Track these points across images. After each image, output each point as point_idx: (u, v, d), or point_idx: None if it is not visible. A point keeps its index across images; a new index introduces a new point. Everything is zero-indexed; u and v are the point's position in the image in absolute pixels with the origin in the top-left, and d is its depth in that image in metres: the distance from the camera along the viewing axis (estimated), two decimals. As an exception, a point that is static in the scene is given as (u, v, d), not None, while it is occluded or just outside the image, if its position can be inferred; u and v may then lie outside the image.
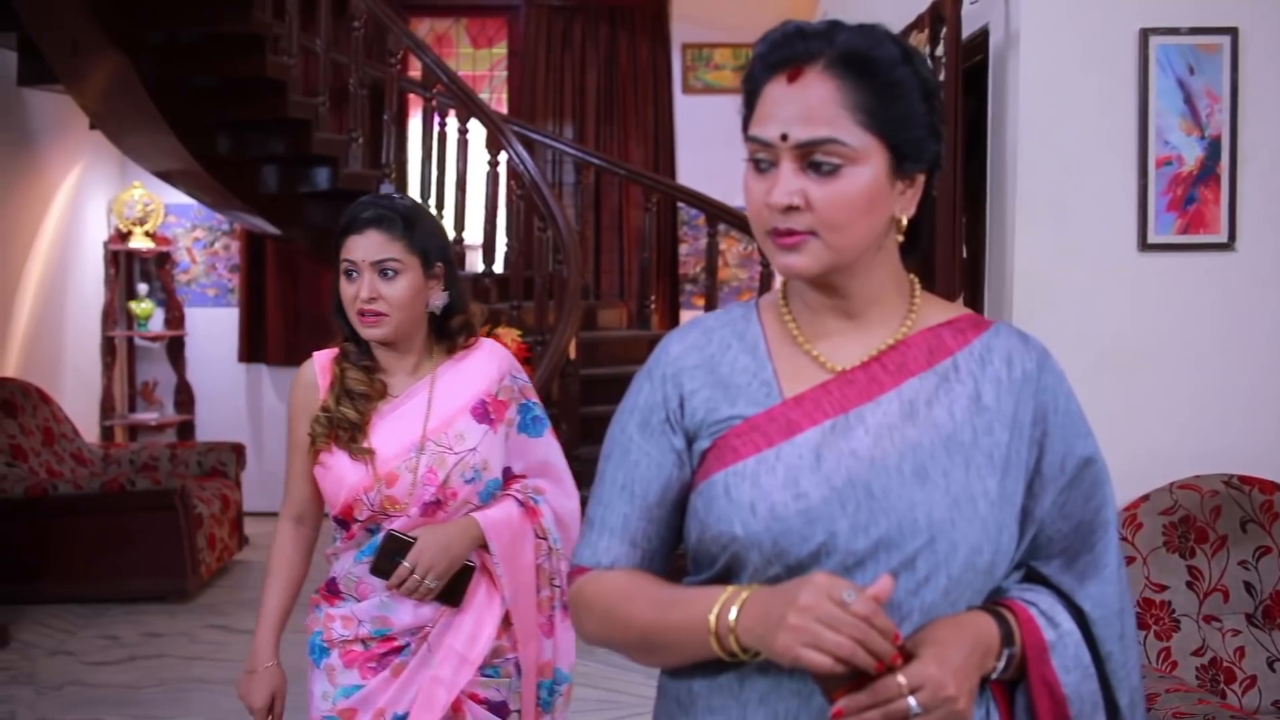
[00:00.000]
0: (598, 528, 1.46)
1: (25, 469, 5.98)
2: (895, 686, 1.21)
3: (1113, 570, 1.40)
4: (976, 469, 1.34)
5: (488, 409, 2.33)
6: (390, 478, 2.26)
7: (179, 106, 5.91)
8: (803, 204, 1.30)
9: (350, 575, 2.30)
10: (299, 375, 2.40)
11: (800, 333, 1.42)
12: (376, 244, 2.26)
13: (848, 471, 1.32)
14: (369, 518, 2.27)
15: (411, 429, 2.29)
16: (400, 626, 2.27)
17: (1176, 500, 3.15)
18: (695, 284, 8.12)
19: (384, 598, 2.27)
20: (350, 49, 6.24)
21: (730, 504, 1.34)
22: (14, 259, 6.58)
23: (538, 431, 2.42)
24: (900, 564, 1.30)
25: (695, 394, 1.41)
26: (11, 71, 6.29)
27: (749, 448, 1.36)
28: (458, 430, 2.29)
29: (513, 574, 2.32)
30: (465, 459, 2.28)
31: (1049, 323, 3.28)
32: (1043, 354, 1.43)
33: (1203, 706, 2.57)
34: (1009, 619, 1.35)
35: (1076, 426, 1.41)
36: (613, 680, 4.71)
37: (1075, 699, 1.36)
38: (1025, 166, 3.34)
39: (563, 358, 5.64)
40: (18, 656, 5.08)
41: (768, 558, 1.32)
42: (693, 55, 8.25)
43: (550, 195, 6.14)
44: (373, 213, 2.28)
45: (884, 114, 1.31)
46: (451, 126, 6.47)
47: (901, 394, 1.37)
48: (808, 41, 1.32)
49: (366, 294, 2.25)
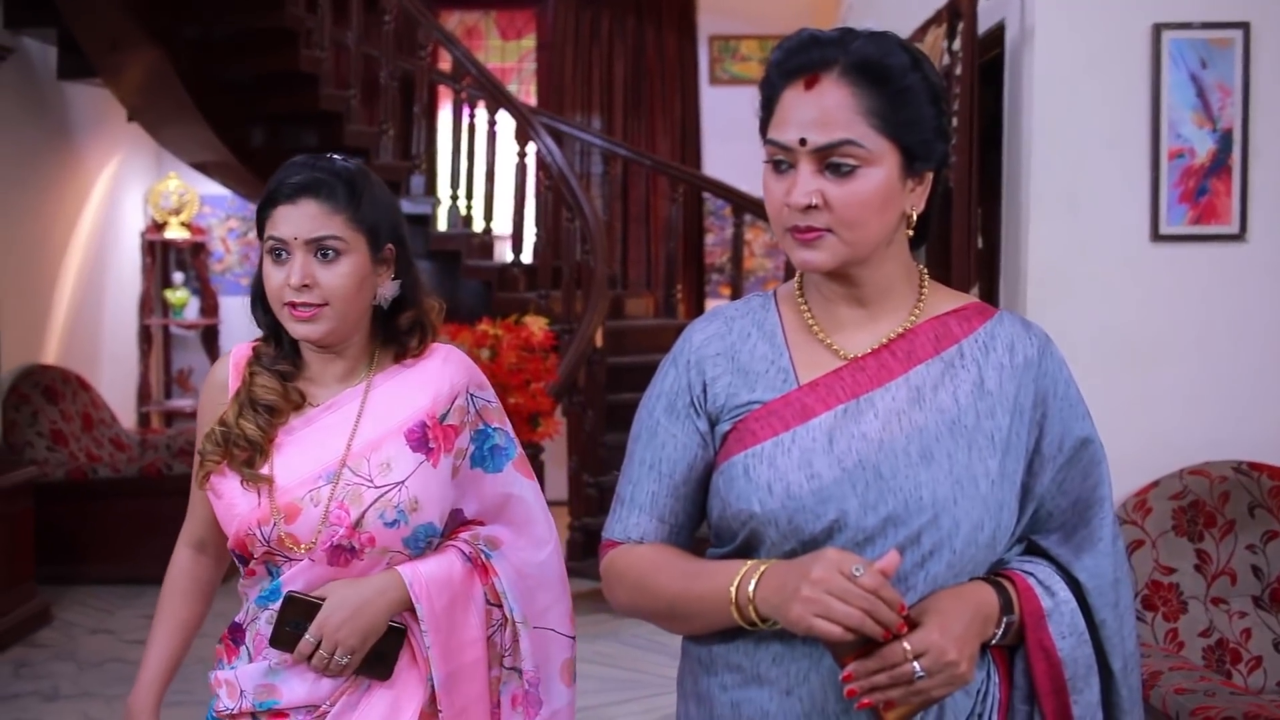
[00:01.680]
0: (627, 504, 1.56)
1: (66, 453, 6.13)
2: (901, 652, 1.31)
3: (1107, 544, 1.50)
4: (979, 450, 1.43)
5: (427, 434, 1.83)
6: (290, 510, 1.78)
7: (214, 99, 6.04)
8: (821, 203, 1.40)
9: (256, 622, 1.83)
10: (210, 374, 1.95)
11: (815, 322, 1.52)
12: (312, 217, 1.77)
13: (858, 453, 1.42)
14: (264, 554, 1.81)
15: (326, 451, 1.81)
16: (291, 700, 1.79)
17: (1186, 486, 3.23)
18: (721, 273, 8.20)
19: (274, 663, 1.79)
20: (381, 42, 6.36)
21: (749, 484, 1.44)
22: (54, 249, 6.74)
23: (496, 465, 1.91)
24: (906, 539, 1.40)
25: (717, 380, 1.51)
26: (52, 66, 6.44)
27: (767, 431, 1.46)
28: (384, 457, 1.80)
29: (447, 650, 1.81)
30: (388, 495, 1.78)
31: (1063, 312, 3.36)
32: (1044, 341, 1.52)
33: (1204, 684, 2.65)
34: (1008, 589, 1.45)
35: (1075, 409, 1.51)
36: (636, 660, 4.82)
37: (1070, 662, 1.45)
38: (1040, 159, 3.41)
39: (589, 346, 5.75)
40: (60, 634, 5.23)
41: (784, 533, 1.42)
42: (719, 47, 8.33)
43: (578, 186, 6.25)
44: (307, 176, 1.79)
45: (896, 118, 1.41)
46: (481, 118, 6.59)
47: (910, 380, 1.47)
48: (823, 49, 1.41)
49: (298, 279, 1.76)
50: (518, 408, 5.21)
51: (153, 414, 8.10)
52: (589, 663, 4.85)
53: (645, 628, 5.24)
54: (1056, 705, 1.45)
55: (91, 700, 4.44)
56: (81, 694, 4.50)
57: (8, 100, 5.53)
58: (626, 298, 7.29)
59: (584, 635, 5.42)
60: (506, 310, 5.81)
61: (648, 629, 5.22)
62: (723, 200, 7.48)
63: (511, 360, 5.22)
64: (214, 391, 1.90)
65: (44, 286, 6.56)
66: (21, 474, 5.33)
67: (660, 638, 5.08)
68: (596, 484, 5.89)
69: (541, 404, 5.28)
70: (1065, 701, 1.45)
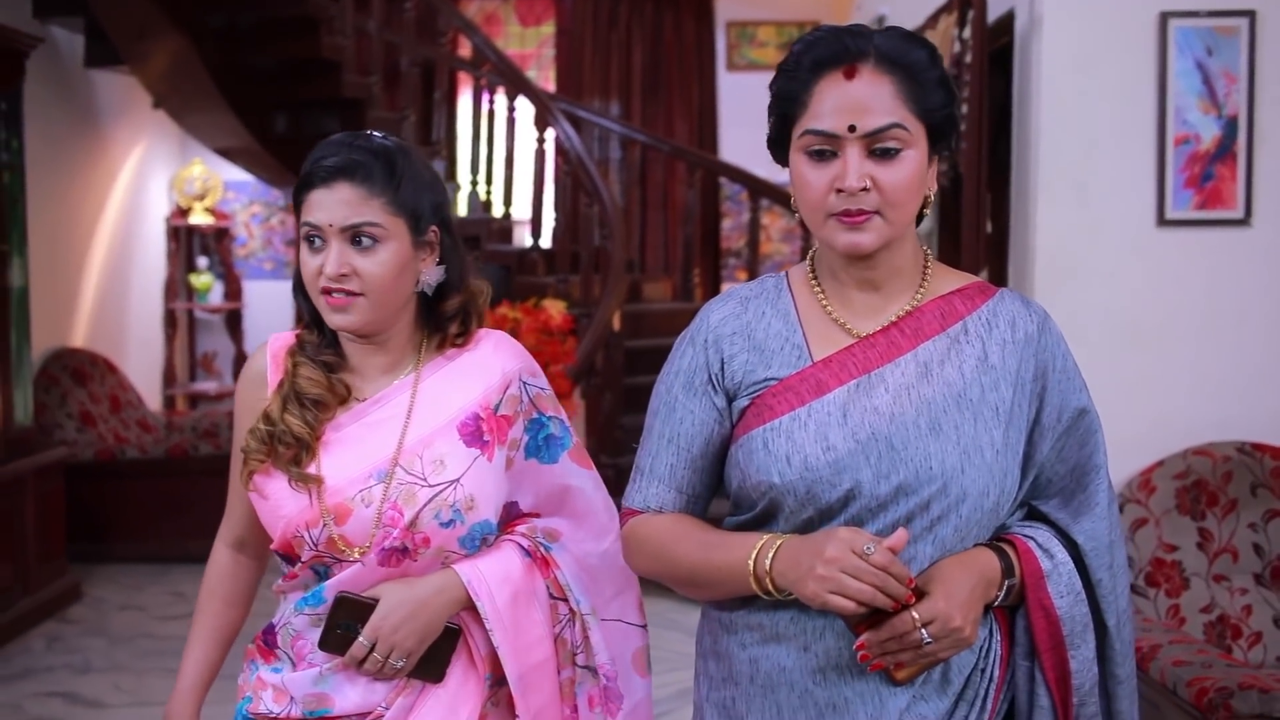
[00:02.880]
0: (647, 475, 1.65)
1: (94, 434, 6.26)
2: (910, 621, 1.43)
3: (1103, 508, 1.59)
4: (984, 422, 1.53)
5: (482, 427, 1.74)
6: (341, 511, 1.69)
7: (239, 86, 6.14)
8: (871, 186, 1.49)
9: (289, 627, 1.75)
10: (246, 366, 1.85)
11: (828, 302, 1.61)
12: (348, 202, 1.68)
13: (870, 426, 1.52)
14: (313, 558, 1.72)
15: (377, 449, 1.72)
16: (344, 708, 1.71)
17: (1190, 465, 3.30)
18: (738, 258, 8.28)
19: (324, 669, 1.72)
20: (402, 29, 6.44)
21: (768, 456, 1.53)
22: (81, 234, 6.86)
23: (551, 456, 1.82)
24: (917, 507, 1.50)
25: (734, 358, 1.60)
26: (79, 54, 6.54)
27: (784, 406, 1.55)
28: (437, 454, 1.71)
29: (516, 649, 1.73)
30: (443, 494, 1.70)
31: (1070, 296, 3.44)
32: (1043, 318, 1.62)
33: (1201, 656, 2.73)
34: (1009, 553, 1.54)
35: (1072, 382, 1.60)
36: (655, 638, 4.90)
37: (1068, 620, 1.54)
38: (1048, 145, 3.48)
39: (607, 329, 5.83)
40: (90, 610, 5.36)
41: (801, 502, 1.51)
42: (737, 33, 8.39)
43: (596, 171, 6.32)
44: (342, 158, 1.69)
45: (925, 104, 1.51)
46: (500, 104, 6.67)
47: (918, 355, 1.56)
48: (854, 40, 1.51)
49: (334, 269, 1.67)
50: (536, 390, 5.31)
51: (177, 396, 8.22)
52: (606, 639, 4.94)
53: (663, 605, 5.34)
54: (1055, 660, 1.54)
55: (122, 673, 4.56)
56: (112, 667, 4.62)
57: (37, 88, 5.63)
58: (644, 282, 7.37)
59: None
60: (525, 294, 5.90)
61: (666, 607, 5.32)
62: (739, 185, 7.55)
63: (530, 343, 5.31)
64: (252, 384, 1.81)
65: (72, 271, 6.68)
66: (52, 454, 5.45)
67: (677, 616, 5.17)
68: (614, 465, 5.97)
69: (560, 386, 5.37)
70: (1064, 656, 1.54)
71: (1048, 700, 1.55)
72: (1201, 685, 2.61)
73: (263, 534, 1.81)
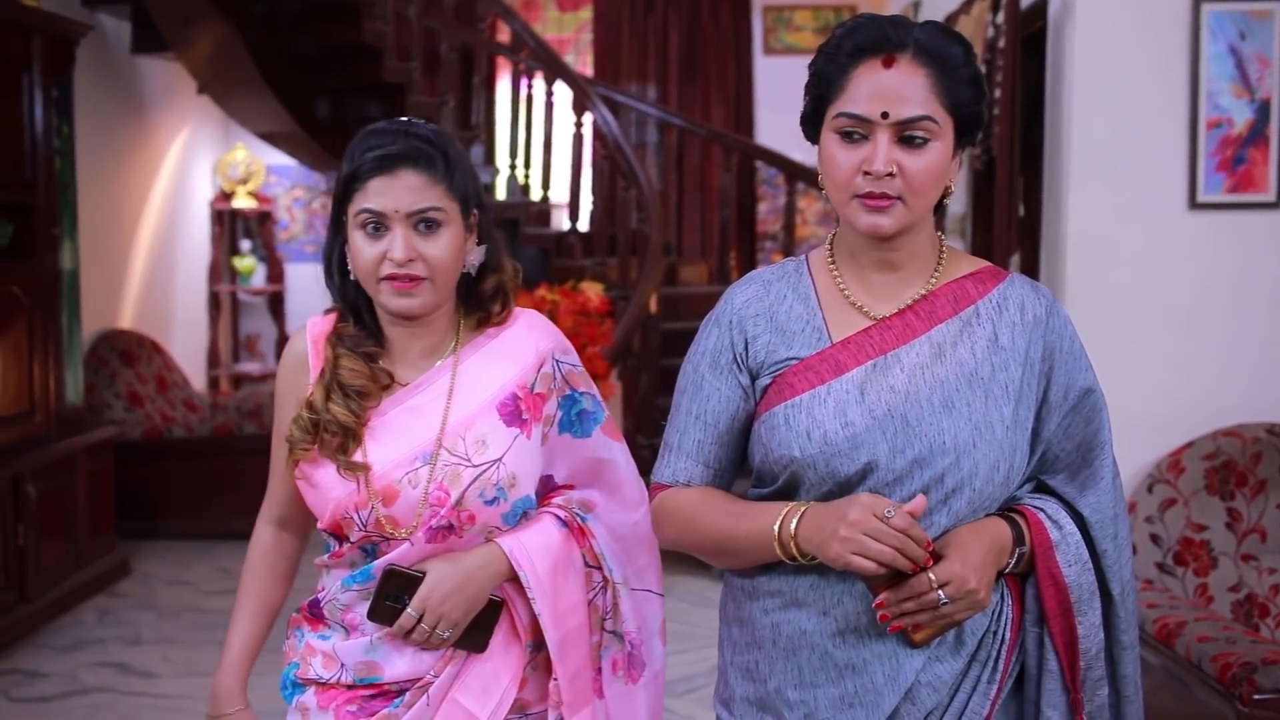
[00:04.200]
0: (675, 451, 1.73)
1: (142, 414, 6.40)
2: (927, 582, 1.51)
3: (1108, 482, 1.67)
4: (994, 400, 1.60)
5: (520, 406, 1.80)
6: (389, 493, 1.75)
7: (281, 72, 6.24)
8: (897, 172, 1.56)
9: (336, 601, 1.80)
10: (287, 350, 1.88)
11: (845, 286, 1.68)
12: (414, 189, 1.72)
13: (887, 404, 1.59)
14: (362, 538, 1.78)
15: (421, 432, 1.77)
16: (393, 676, 1.79)
17: (1219, 446, 3.34)
18: (774, 241, 8.32)
19: (375, 639, 1.78)
20: (441, 15, 6.51)
21: (790, 431, 1.61)
22: (128, 218, 6.99)
23: (585, 430, 1.88)
24: (931, 479, 1.58)
25: (758, 339, 1.67)
26: (126, 41, 6.66)
27: (804, 384, 1.62)
28: (479, 434, 1.76)
29: (555, 616, 1.80)
30: (486, 474, 1.75)
31: (1101, 279, 3.48)
32: (1051, 301, 1.69)
33: (1226, 633, 2.78)
34: (1020, 522, 1.62)
35: (1078, 362, 1.67)
36: (688, 614, 4.99)
37: (1075, 588, 1.62)
38: (1080, 130, 3.51)
39: (644, 312, 5.90)
40: (139, 585, 5.50)
41: (821, 475, 1.59)
42: (773, 17, 8.42)
43: (633, 155, 6.39)
44: (404, 145, 1.72)
45: (955, 99, 1.58)
46: (538, 89, 6.73)
47: (931, 337, 1.63)
48: (895, 30, 1.58)
49: (403, 254, 1.71)
50: (574, 371, 5.39)
51: (221, 377, 8.36)
52: (642, 616, 5.03)
53: (700, 584, 5.42)
54: (1064, 626, 1.62)
55: (171, 646, 4.69)
56: (162, 640, 4.75)
57: (86, 75, 5.75)
58: (681, 265, 7.43)
59: (637, 589, 5.53)
60: (563, 276, 5.98)
61: (703, 585, 5.40)
62: (776, 169, 7.59)
63: (568, 325, 5.39)
64: (294, 369, 1.84)
65: (119, 254, 6.81)
66: (102, 433, 5.58)
67: (713, 595, 5.25)
68: (650, 445, 6.05)
69: (597, 367, 5.45)
70: (1071, 623, 1.62)
71: (1056, 664, 1.62)
72: (1226, 660, 2.66)
73: (304, 512, 1.87)
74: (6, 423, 4.82)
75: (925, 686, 1.60)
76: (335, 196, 1.78)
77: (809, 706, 1.62)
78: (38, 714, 4.04)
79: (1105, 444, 1.67)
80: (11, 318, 4.89)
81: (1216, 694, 2.69)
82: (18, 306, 4.93)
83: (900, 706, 1.60)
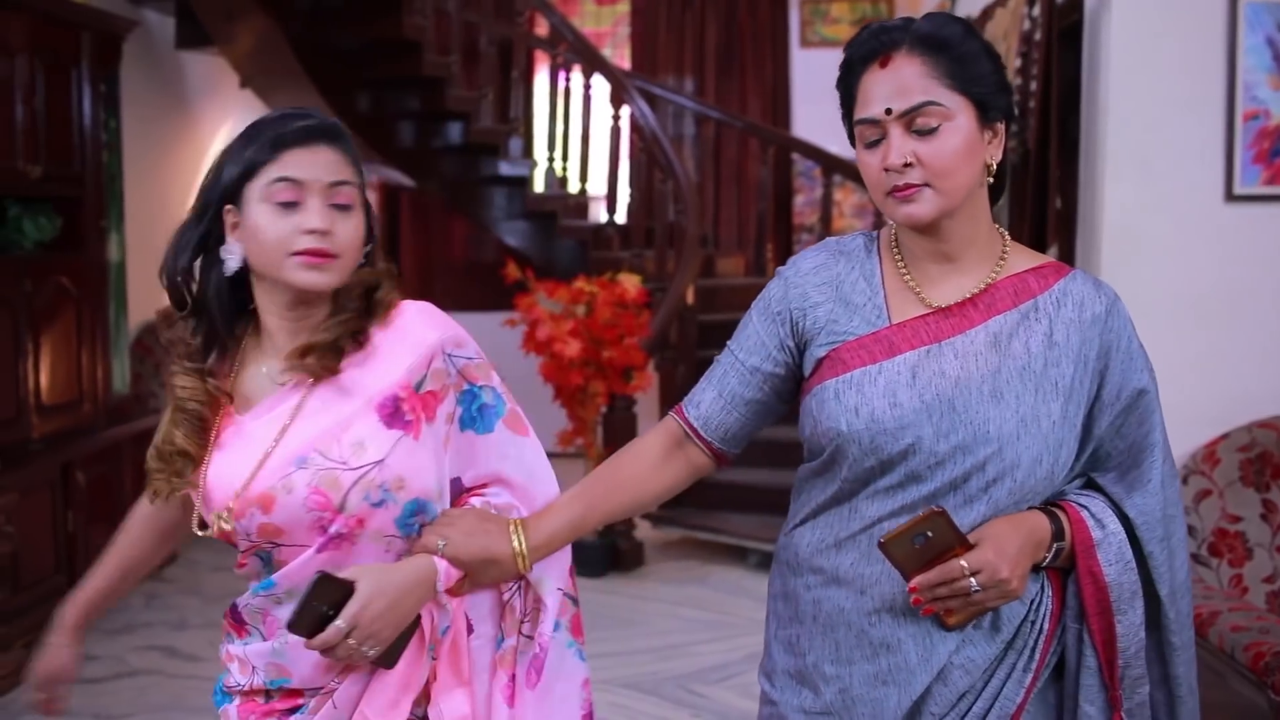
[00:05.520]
0: (707, 378, 1.81)
1: (186, 404, 6.49)
2: (959, 569, 1.55)
3: (1156, 485, 1.67)
4: (1044, 395, 1.63)
5: (402, 408, 1.70)
6: (265, 500, 1.67)
7: (322, 66, 6.32)
8: (915, 161, 1.60)
9: (250, 607, 1.74)
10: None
11: (908, 273, 1.72)
12: (331, 163, 1.68)
13: (936, 389, 1.63)
14: (250, 547, 1.71)
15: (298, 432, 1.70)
16: (300, 678, 1.71)
17: (1255, 438, 3.34)
18: (810, 233, 8.33)
19: (279, 643, 1.69)
20: (480, 9, 6.57)
21: (839, 405, 1.65)
22: (173, 210, 7.08)
23: (487, 426, 1.78)
24: (973, 466, 1.61)
25: (820, 305, 1.72)
26: (170, 36, 6.76)
27: (857, 361, 1.67)
28: (356, 437, 1.68)
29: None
30: (368, 475, 1.66)
31: (1137, 270, 3.48)
32: (1112, 300, 1.69)
33: (1260, 623, 2.79)
34: (1062, 518, 1.64)
35: (1134, 363, 1.68)
36: (722, 603, 5.05)
37: (1115, 587, 1.64)
38: (1116, 121, 3.52)
39: (681, 303, 5.94)
40: (184, 571, 5.61)
41: (865, 451, 1.64)
42: (810, 10, 8.42)
43: (670, 148, 6.43)
44: (321, 122, 1.70)
45: (964, 75, 1.62)
46: (576, 82, 6.78)
47: (989, 328, 1.67)
48: (890, 33, 1.64)
49: (321, 223, 1.65)
50: (612, 361, 5.45)
51: (263, 368, 8.45)
52: (679, 605, 5.09)
53: (732, 574, 5.47)
54: (1102, 624, 1.64)
55: (216, 630, 4.67)
56: (207, 624, 4.85)
57: (131, 70, 5.84)
58: (718, 257, 7.46)
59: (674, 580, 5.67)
60: (601, 268, 6.03)
61: (734, 575, 5.45)
62: (812, 161, 7.61)
63: (606, 316, 5.45)
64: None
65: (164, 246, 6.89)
66: (147, 422, 5.67)
67: (745, 584, 5.30)
68: (687, 437, 6.09)
69: (635, 358, 5.51)
70: (1110, 622, 1.64)
71: (1095, 661, 1.65)
72: (1259, 650, 2.67)
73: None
74: (56, 411, 4.92)
75: (958, 668, 1.63)
76: (219, 179, 1.70)
77: (844, 681, 1.67)
78: (88, 695, 4.14)
79: (1156, 445, 1.67)
80: (60, 309, 4.99)
81: (1249, 683, 2.71)
82: (66, 298, 5.03)
83: (932, 686, 1.64)
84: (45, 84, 4.83)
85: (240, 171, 1.68)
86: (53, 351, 4.90)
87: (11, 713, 4.01)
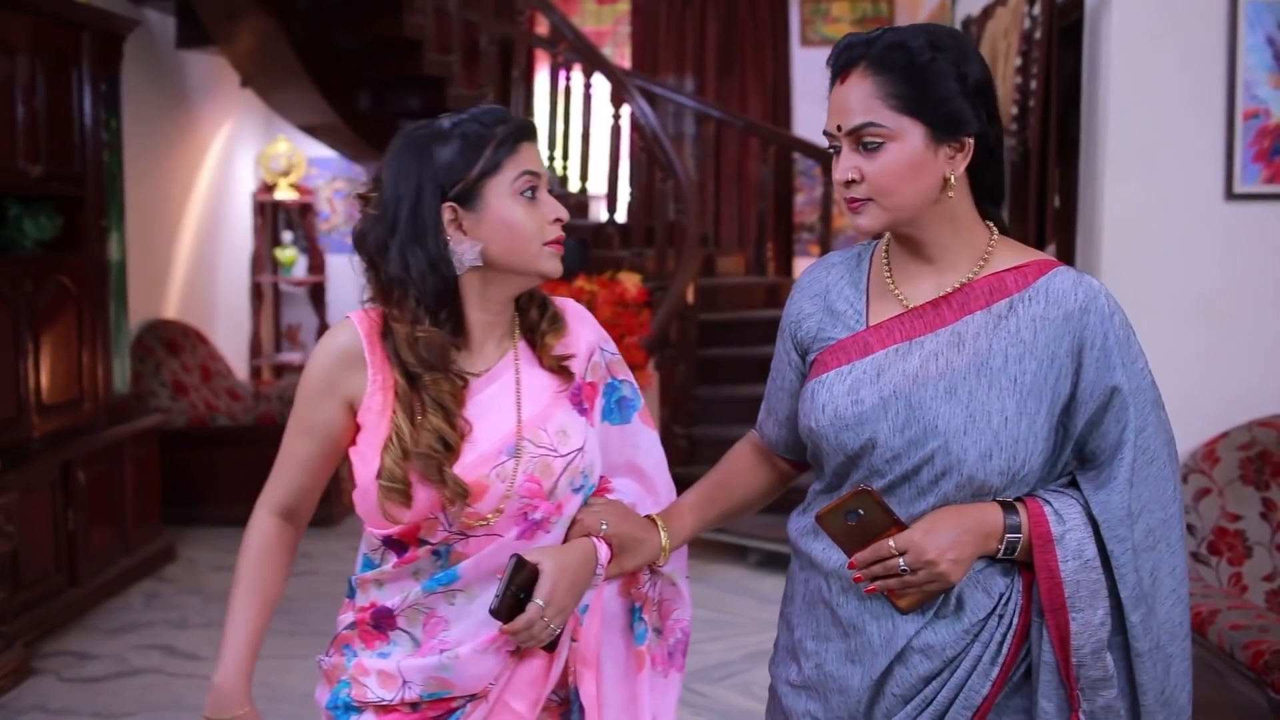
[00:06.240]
0: (764, 400, 1.93)
1: (187, 403, 6.51)
2: (888, 549, 1.63)
3: (1122, 482, 1.65)
4: (998, 391, 1.65)
5: (581, 398, 1.81)
6: (478, 489, 1.70)
7: (323, 66, 6.32)
8: (858, 176, 1.66)
9: (418, 608, 1.73)
10: (333, 341, 1.79)
11: (890, 275, 1.76)
12: (536, 155, 1.77)
13: (894, 386, 1.69)
14: (444, 538, 1.72)
15: (502, 421, 1.74)
16: (464, 688, 1.73)
17: (1254, 437, 3.35)
18: (811, 232, 8.34)
19: (446, 657, 1.71)
20: (481, 8, 6.57)
21: (812, 405, 1.74)
22: (173, 210, 7.10)
23: (625, 417, 1.87)
24: (923, 459, 1.66)
25: (811, 316, 1.81)
26: (171, 35, 6.77)
27: (835, 362, 1.74)
28: (559, 425, 1.76)
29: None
30: (574, 462, 1.75)
31: (1137, 269, 3.49)
32: (1090, 296, 1.67)
33: (1259, 621, 2.79)
34: (1021, 512, 1.66)
35: (1108, 360, 1.66)
36: (724, 603, 5.04)
37: (1071, 584, 1.64)
38: (1116, 120, 3.53)
39: (681, 302, 5.94)
40: (184, 571, 5.61)
41: (834, 447, 1.72)
42: (811, 9, 8.43)
43: (671, 147, 6.43)
44: (527, 120, 1.79)
45: (917, 96, 1.64)
46: (577, 81, 6.78)
47: (956, 328, 1.69)
48: (852, 50, 1.68)
49: (562, 212, 1.76)
50: (612, 361, 5.44)
51: (263, 367, 8.46)
52: (679, 604, 5.07)
53: (733, 573, 5.47)
54: (1057, 621, 1.64)
55: (216, 629, 4.69)
56: (207, 624, 4.85)
57: (132, 69, 5.84)
58: (718, 256, 7.47)
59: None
60: (601, 267, 6.03)
61: (739, 574, 5.45)
62: (813, 160, 7.62)
63: (606, 315, 5.45)
64: (343, 364, 1.76)
65: (164, 245, 6.92)
66: (148, 421, 5.69)
67: (746, 583, 5.30)
68: (687, 435, 6.09)
69: (635, 357, 5.50)
70: (1064, 619, 1.64)
71: (1052, 657, 1.65)
72: (1258, 648, 2.67)
73: (311, 506, 1.83)
74: (56, 410, 4.92)
75: (917, 652, 1.67)
76: (435, 181, 1.71)
77: (820, 657, 1.76)
78: (88, 694, 4.14)
79: (1126, 444, 1.66)
80: (61, 308, 4.99)
81: (1249, 682, 2.71)
82: (67, 297, 5.04)
83: (893, 667, 1.69)
84: (46, 83, 4.83)
85: (482, 170, 1.71)
86: (53, 351, 4.91)
87: (12, 712, 4.02)
